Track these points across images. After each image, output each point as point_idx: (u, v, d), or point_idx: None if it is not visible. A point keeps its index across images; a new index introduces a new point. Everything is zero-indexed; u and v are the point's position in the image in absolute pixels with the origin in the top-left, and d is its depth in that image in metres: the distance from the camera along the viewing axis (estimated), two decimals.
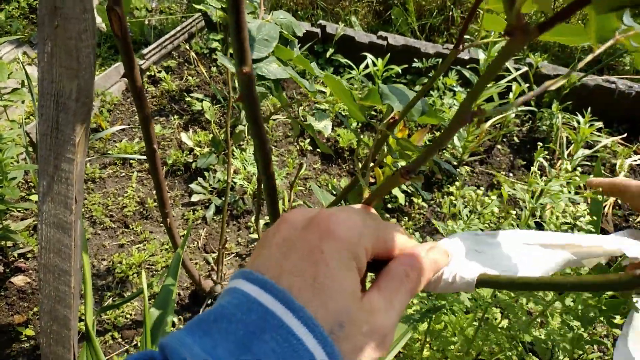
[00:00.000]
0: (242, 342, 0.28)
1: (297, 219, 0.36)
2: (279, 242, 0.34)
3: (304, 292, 0.31)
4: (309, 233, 0.34)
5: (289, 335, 0.29)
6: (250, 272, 0.32)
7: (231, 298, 0.31)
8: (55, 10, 0.63)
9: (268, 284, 0.31)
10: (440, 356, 1.38)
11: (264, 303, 0.30)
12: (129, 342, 1.75)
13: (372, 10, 3.52)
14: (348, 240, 0.33)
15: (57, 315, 0.80)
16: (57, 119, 0.68)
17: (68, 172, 0.70)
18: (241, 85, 0.44)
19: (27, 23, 3.28)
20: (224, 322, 0.29)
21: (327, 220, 0.34)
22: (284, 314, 0.29)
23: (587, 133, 2.11)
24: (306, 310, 0.30)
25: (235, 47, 0.40)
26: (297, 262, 0.32)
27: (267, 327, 0.29)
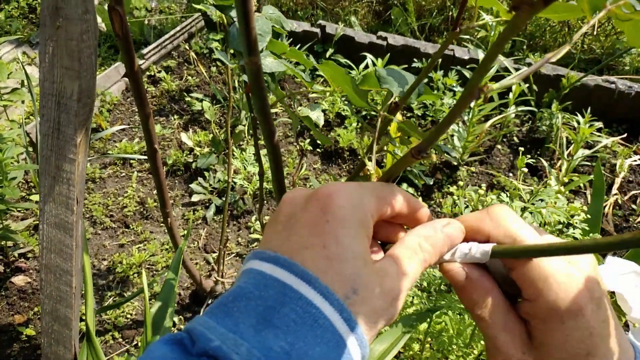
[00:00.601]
0: (263, 317, 0.29)
1: (298, 196, 0.37)
2: (284, 220, 0.36)
3: (316, 262, 0.32)
4: (311, 207, 0.35)
5: (308, 306, 0.30)
6: (262, 252, 0.34)
7: (247, 278, 0.32)
8: (57, 11, 0.64)
9: (281, 259, 0.32)
10: (440, 356, 1.38)
11: (280, 278, 0.31)
12: (130, 342, 1.75)
13: (371, 10, 3.52)
14: (350, 207, 0.34)
15: (58, 315, 0.80)
16: (58, 119, 0.68)
17: (69, 173, 0.70)
18: (250, 75, 0.44)
19: (26, 23, 3.28)
20: (242, 301, 0.30)
21: (327, 192, 0.35)
22: (300, 286, 0.30)
23: (587, 133, 2.11)
24: (320, 280, 0.31)
25: (243, 37, 0.40)
26: (304, 235, 0.33)
27: (285, 301, 0.30)
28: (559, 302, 0.33)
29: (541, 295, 0.34)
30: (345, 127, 2.61)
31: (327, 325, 0.30)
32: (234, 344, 0.28)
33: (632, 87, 2.62)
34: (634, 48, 2.78)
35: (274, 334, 0.29)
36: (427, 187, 2.36)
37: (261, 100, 0.46)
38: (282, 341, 0.28)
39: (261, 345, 0.28)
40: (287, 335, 0.29)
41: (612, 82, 2.64)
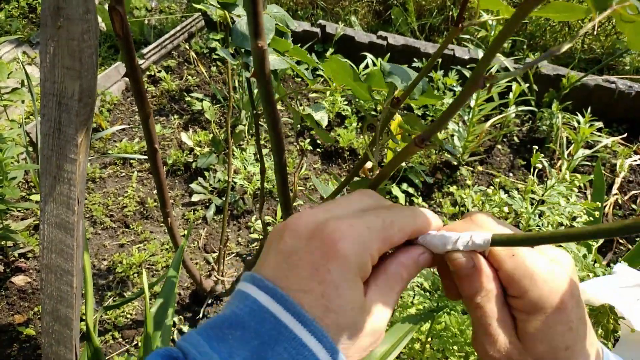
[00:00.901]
0: (257, 352, 0.30)
1: (301, 227, 0.36)
2: (285, 251, 0.35)
3: (314, 308, 0.32)
4: (314, 248, 0.34)
5: (302, 347, 0.30)
6: (260, 280, 0.34)
7: (243, 305, 0.33)
8: (58, 11, 0.63)
9: (278, 294, 0.32)
10: (440, 356, 1.38)
11: (276, 314, 0.32)
12: (130, 342, 1.75)
13: (371, 10, 3.52)
14: (354, 256, 0.34)
15: (59, 315, 0.80)
16: (59, 119, 0.68)
17: (70, 173, 0.70)
18: (255, 60, 0.44)
19: (26, 23, 3.28)
20: (238, 330, 0.31)
21: (332, 236, 0.34)
22: (295, 327, 0.31)
23: (587, 133, 2.11)
24: (316, 324, 0.31)
25: (249, 20, 0.40)
26: (305, 277, 0.33)
27: (280, 339, 0.31)
28: (543, 298, 0.36)
29: (527, 292, 0.36)
30: (346, 127, 2.61)
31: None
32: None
33: (633, 87, 2.62)
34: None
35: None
36: (427, 187, 2.36)
37: (266, 86, 0.46)
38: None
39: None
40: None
41: (612, 82, 2.64)
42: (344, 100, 2.73)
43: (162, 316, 1.14)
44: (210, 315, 1.82)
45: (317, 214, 0.37)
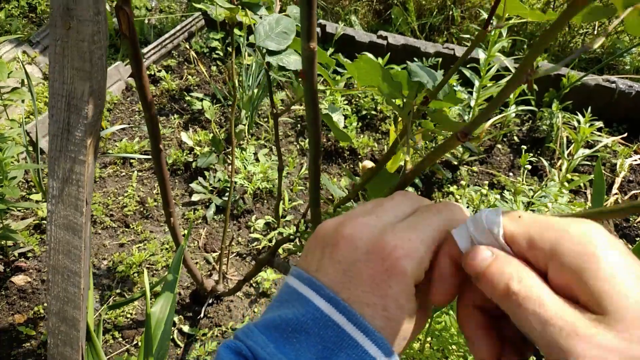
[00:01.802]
0: (322, 356, 0.32)
1: (357, 238, 0.36)
2: (342, 261, 0.36)
3: (375, 319, 0.34)
4: (374, 262, 0.35)
5: (364, 354, 0.32)
6: (321, 287, 0.35)
7: (305, 311, 0.34)
8: (68, 12, 0.63)
9: (341, 305, 0.34)
10: (440, 356, 1.38)
11: (339, 323, 0.33)
12: (130, 342, 1.75)
13: (372, 9, 3.52)
14: (412, 272, 0.35)
15: (65, 316, 0.79)
16: (68, 120, 0.68)
17: (79, 174, 0.70)
18: (304, 60, 0.45)
19: (26, 22, 3.27)
20: (302, 334, 0.33)
21: (393, 253, 0.35)
22: (357, 335, 0.33)
23: (587, 133, 2.12)
24: (377, 333, 0.33)
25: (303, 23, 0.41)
26: (366, 291, 0.35)
27: (343, 345, 0.32)
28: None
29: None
30: (346, 126, 2.61)
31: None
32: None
33: (633, 87, 2.63)
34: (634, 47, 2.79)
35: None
36: (427, 187, 2.36)
37: (312, 86, 0.47)
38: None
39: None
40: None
41: (612, 81, 2.65)
42: (344, 100, 2.73)
43: (163, 316, 1.14)
44: (211, 315, 1.82)
45: (369, 222, 0.37)
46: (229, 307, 1.85)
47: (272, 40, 0.67)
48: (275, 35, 0.67)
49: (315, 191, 0.63)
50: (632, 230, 2.19)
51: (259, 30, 0.67)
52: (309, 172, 0.56)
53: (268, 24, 0.68)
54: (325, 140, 2.58)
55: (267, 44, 0.66)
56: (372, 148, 2.53)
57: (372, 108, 2.72)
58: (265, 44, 0.67)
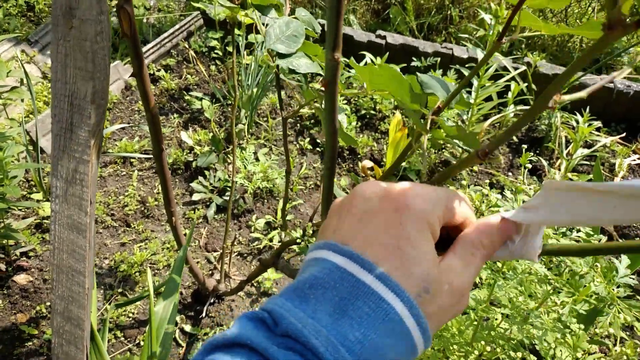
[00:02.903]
0: (339, 307, 0.32)
1: (372, 192, 0.38)
2: (357, 214, 0.38)
3: (389, 261, 0.34)
4: (386, 206, 0.37)
5: (380, 301, 0.32)
6: (335, 245, 0.36)
7: (321, 268, 0.35)
8: (71, 12, 0.63)
9: (354, 255, 0.34)
10: (441, 356, 1.39)
11: (354, 273, 0.34)
12: (132, 341, 1.75)
13: (370, 9, 3.52)
14: (423, 211, 0.36)
15: (70, 315, 0.80)
16: (71, 120, 0.68)
17: (83, 174, 0.70)
18: (328, 70, 0.45)
19: (25, 21, 3.27)
20: (319, 289, 0.33)
21: (403, 195, 0.37)
22: (373, 283, 0.33)
23: (585, 132, 2.12)
24: (392, 278, 0.33)
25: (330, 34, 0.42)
26: (379, 234, 0.35)
27: (359, 294, 0.33)
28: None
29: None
30: (346, 126, 2.61)
31: (397, 319, 0.32)
32: (313, 329, 0.31)
33: (631, 87, 2.63)
34: (632, 47, 2.79)
35: (349, 324, 0.31)
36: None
37: (333, 95, 0.47)
38: (357, 331, 0.31)
39: (338, 333, 0.31)
40: (360, 326, 0.31)
41: (610, 81, 2.65)
42: (343, 99, 2.74)
43: (165, 315, 1.15)
44: (212, 314, 1.83)
45: (381, 183, 0.39)
46: (230, 307, 1.86)
47: (282, 43, 0.68)
48: (286, 38, 0.68)
49: (327, 202, 0.64)
50: (632, 230, 2.20)
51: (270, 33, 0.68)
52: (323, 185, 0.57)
53: (278, 27, 0.69)
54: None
55: (277, 47, 0.67)
56: (371, 147, 2.53)
57: (371, 107, 2.73)
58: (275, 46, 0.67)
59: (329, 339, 0.30)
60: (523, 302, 1.23)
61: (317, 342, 0.30)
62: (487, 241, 0.39)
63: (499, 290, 1.22)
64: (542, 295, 1.21)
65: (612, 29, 0.31)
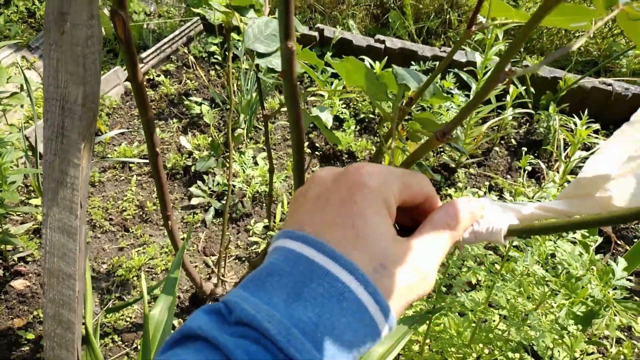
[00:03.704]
0: (294, 291, 0.32)
1: (326, 175, 0.39)
2: (313, 198, 0.38)
3: (344, 241, 0.34)
4: (340, 186, 0.37)
5: (334, 281, 0.32)
6: (291, 232, 0.36)
7: (278, 255, 0.35)
8: (62, 16, 0.64)
9: (308, 238, 0.34)
10: (439, 358, 1.39)
11: (308, 255, 0.33)
12: (129, 345, 1.75)
13: (369, 13, 3.53)
14: (378, 188, 0.36)
15: (61, 319, 0.80)
16: (62, 124, 0.69)
17: (74, 177, 0.71)
18: (284, 60, 0.46)
19: (25, 27, 3.28)
20: (275, 277, 0.33)
21: (356, 173, 0.36)
22: (327, 263, 0.33)
23: (584, 135, 2.12)
24: (345, 257, 0.33)
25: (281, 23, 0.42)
26: (333, 214, 0.35)
27: (313, 276, 0.32)
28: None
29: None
30: (344, 130, 2.61)
31: (352, 298, 0.32)
32: (267, 314, 0.30)
33: (629, 89, 2.63)
34: (630, 50, 2.79)
35: (303, 306, 0.31)
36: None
37: (291, 84, 0.48)
38: (310, 312, 0.31)
39: (291, 315, 0.31)
40: (314, 307, 0.31)
41: (608, 84, 2.65)
42: (342, 103, 2.74)
43: (162, 319, 1.15)
44: None
45: (336, 168, 0.39)
46: None
47: (261, 43, 0.68)
48: (264, 37, 0.68)
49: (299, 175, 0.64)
50: (630, 232, 2.20)
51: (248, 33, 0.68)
52: (294, 179, 0.57)
53: (257, 26, 0.69)
54: (323, 143, 2.58)
55: (256, 47, 0.67)
56: (370, 151, 2.54)
57: (369, 111, 2.73)
58: (254, 46, 0.67)
59: (281, 322, 0.30)
60: (521, 304, 1.23)
61: (270, 325, 0.29)
62: (453, 222, 0.39)
63: (497, 292, 1.22)
64: (539, 297, 1.21)
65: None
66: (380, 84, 0.55)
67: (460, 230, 0.40)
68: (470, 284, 1.85)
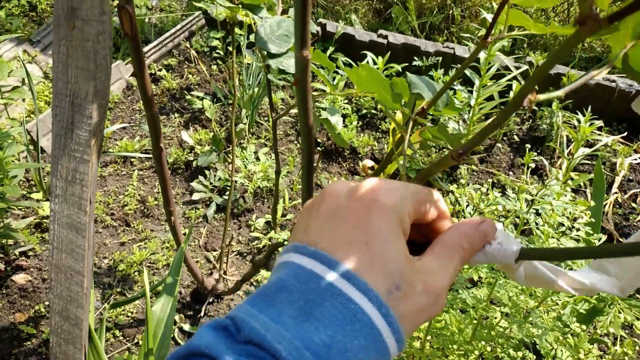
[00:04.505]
0: (305, 310, 0.31)
1: (341, 190, 0.37)
2: (325, 214, 0.36)
3: (358, 260, 0.33)
4: (355, 203, 0.35)
5: (347, 302, 0.31)
6: (303, 247, 0.35)
7: (288, 271, 0.34)
8: (73, 12, 0.63)
9: (321, 255, 0.33)
10: (440, 355, 1.39)
11: (320, 274, 0.32)
12: (131, 340, 1.75)
13: (372, 8, 3.52)
14: (393, 207, 0.35)
15: (68, 315, 0.80)
16: (72, 120, 0.68)
17: (83, 174, 0.70)
18: (298, 68, 0.45)
19: (27, 21, 3.27)
20: (284, 293, 0.32)
21: (372, 191, 0.35)
22: (340, 283, 0.32)
23: (587, 132, 2.12)
24: (359, 277, 0.32)
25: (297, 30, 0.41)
26: (348, 232, 0.34)
27: (326, 295, 0.31)
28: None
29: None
30: (346, 125, 2.61)
31: (365, 320, 0.31)
32: (277, 333, 0.29)
33: (633, 86, 2.63)
34: None
35: (315, 326, 0.30)
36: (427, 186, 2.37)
37: (304, 93, 0.47)
38: (323, 334, 0.30)
39: (302, 336, 0.29)
40: (327, 328, 0.30)
41: (612, 80, 2.65)
42: (344, 99, 2.73)
43: (164, 314, 1.15)
44: (211, 313, 1.83)
45: (350, 182, 0.38)
46: (229, 306, 1.85)
47: (273, 43, 0.67)
48: (276, 37, 0.67)
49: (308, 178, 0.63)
50: (633, 230, 2.20)
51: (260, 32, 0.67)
52: (302, 187, 0.56)
53: (269, 26, 0.68)
54: (325, 139, 2.58)
55: (267, 47, 0.66)
56: (372, 147, 2.53)
57: (372, 107, 2.73)
58: (266, 46, 0.66)
59: (292, 343, 0.29)
60: (523, 301, 1.23)
61: (280, 346, 0.28)
62: (466, 243, 0.38)
63: (499, 289, 1.22)
64: (542, 294, 1.21)
65: (583, 24, 0.30)
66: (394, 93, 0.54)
67: (472, 252, 0.39)
68: (472, 281, 1.85)
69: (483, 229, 0.39)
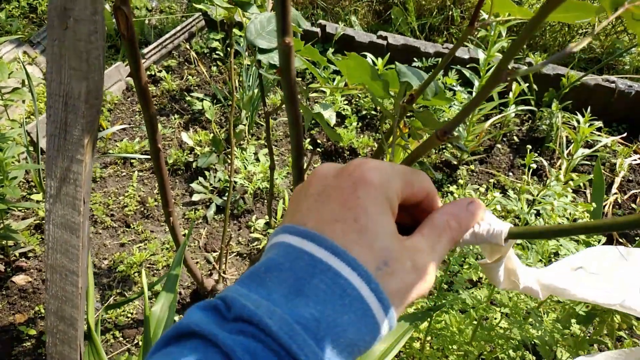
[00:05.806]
0: (295, 287, 0.31)
1: (328, 170, 0.38)
2: (314, 193, 0.36)
3: (346, 236, 0.33)
4: (342, 182, 0.36)
5: (337, 277, 0.31)
6: (292, 227, 0.35)
7: (277, 250, 0.34)
8: (65, 12, 0.64)
9: (310, 233, 0.33)
10: (440, 355, 1.39)
11: (309, 251, 0.32)
12: (131, 341, 1.75)
13: (372, 9, 3.52)
14: (380, 185, 0.35)
15: (63, 315, 0.80)
16: (65, 120, 0.69)
17: (77, 174, 0.70)
18: (281, 56, 0.45)
19: (27, 22, 3.27)
20: (274, 272, 0.32)
21: (359, 168, 0.36)
22: (329, 259, 0.32)
23: (586, 132, 2.12)
24: (348, 253, 0.32)
25: (278, 19, 0.42)
26: (335, 209, 0.34)
27: (315, 272, 0.31)
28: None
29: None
30: (346, 126, 2.61)
31: (355, 294, 0.31)
32: (267, 309, 0.29)
33: (632, 87, 2.63)
34: (634, 47, 2.78)
35: (305, 302, 0.30)
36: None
37: (290, 82, 0.47)
38: (312, 309, 0.30)
39: (292, 311, 0.30)
40: (317, 304, 0.30)
41: (612, 81, 2.65)
42: (343, 100, 2.74)
43: (163, 315, 1.15)
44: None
45: (337, 164, 0.38)
46: None
47: (263, 39, 0.68)
48: (267, 33, 0.68)
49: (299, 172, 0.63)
50: (632, 230, 2.19)
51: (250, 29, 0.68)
52: (293, 175, 0.57)
53: (259, 22, 0.69)
54: (325, 140, 2.58)
55: (258, 42, 0.67)
56: (372, 148, 2.53)
57: (372, 108, 2.73)
58: (256, 42, 0.67)
59: (283, 318, 0.29)
60: (523, 302, 1.23)
61: (271, 321, 0.29)
62: (455, 223, 0.38)
63: (499, 290, 1.22)
64: None
65: None
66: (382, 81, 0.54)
67: (461, 232, 0.39)
68: (471, 282, 1.84)
69: (472, 209, 0.40)
